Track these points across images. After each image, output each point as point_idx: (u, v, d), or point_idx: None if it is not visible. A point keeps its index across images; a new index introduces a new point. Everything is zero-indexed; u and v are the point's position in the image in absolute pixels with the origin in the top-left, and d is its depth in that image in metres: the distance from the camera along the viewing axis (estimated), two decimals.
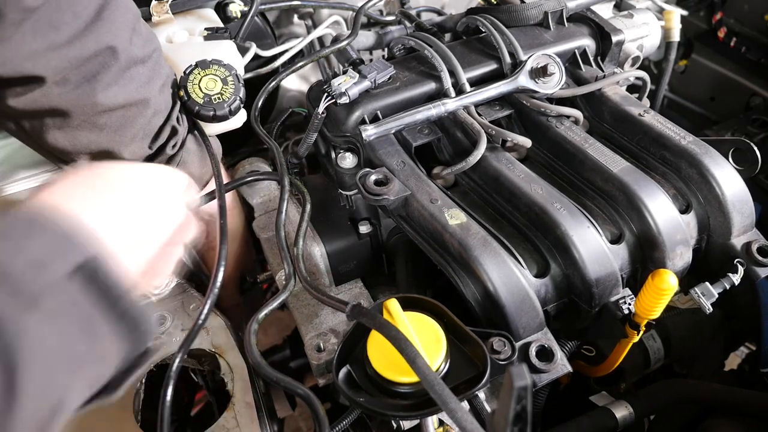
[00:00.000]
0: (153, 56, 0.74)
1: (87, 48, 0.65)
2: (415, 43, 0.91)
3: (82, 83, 0.66)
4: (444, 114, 0.83)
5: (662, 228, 0.75)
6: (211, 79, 0.80)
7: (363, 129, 0.80)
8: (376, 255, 0.90)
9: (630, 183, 0.77)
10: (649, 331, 0.95)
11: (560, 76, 0.87)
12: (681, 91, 1.51)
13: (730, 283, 0.77)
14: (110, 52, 0.67)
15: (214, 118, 0.80)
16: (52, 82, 0.65)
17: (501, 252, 0.70)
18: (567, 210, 0.74)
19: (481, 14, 0.94)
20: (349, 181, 0.82)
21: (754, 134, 1.21)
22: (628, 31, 1.00)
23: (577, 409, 0.85)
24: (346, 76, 0.82)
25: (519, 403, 0.43)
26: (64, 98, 0.66)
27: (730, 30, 1.40)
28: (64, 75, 0.65)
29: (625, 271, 0.77)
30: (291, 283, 0.74)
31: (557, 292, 0.74)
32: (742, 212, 0.79)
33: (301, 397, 0.61)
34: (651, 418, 0.89)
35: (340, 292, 0.88)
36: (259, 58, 1.01)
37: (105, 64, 0.67)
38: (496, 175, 0.80)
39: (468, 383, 0.60)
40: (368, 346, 0.61)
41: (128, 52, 0.69)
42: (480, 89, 0.85)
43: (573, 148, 0.84)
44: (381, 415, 0.60)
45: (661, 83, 1.14)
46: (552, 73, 0.85)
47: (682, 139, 0.82)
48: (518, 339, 0.68)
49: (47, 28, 0.63)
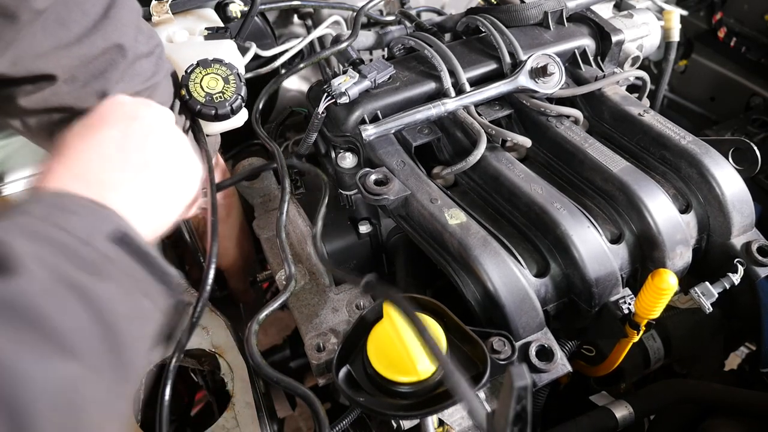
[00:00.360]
0: (155, 51, 0.74)
1: (96, 46, 0.66)
2: (415, 43, 0.91)
3: (91, 81, 0.67)
4: (444, 114, 0.83)
5: (662, 228, 0.75)
6: (212, 78, 0.80)
7: (363, 129, 0.80)
8: (376, 255, 0.90)
9: (630, 183, 0.77)
10: (649, 331, 0.95)
11: (560, 76, 0.87)
12: (681, 91, 1.51)
13: (730, 282, 0.77)
14: (118, 50, 0.67)
15: (215, 117, 0.80)
16: (62, 80, 0.65)
17: (501, 252, 0.70)
18: (567, 210, 0.74)
19: (481, 14, 0.94)
20: (349, 180, 0.82)
21: (754, 134, 1.21)
22: (628, 31, 1.00)
23: (577, 409, 0.85)
24: (346, 76, 0.82)
25: (519, 403, 0.43)
26: (73, 96, 0.66)
27: (730, 30, 1.40)
28: (72, 73, 0.65)
29: (625, 270, 0.77)
30: (291, 284, 0.75)
31: (557, 292, 0.74)
32: (742, 212, 0.79)
33: (301, 397, 0.61)
34: (651, 418, 0.89)
35: (340, 292, 0.88)
36: (259, 58, 1.01)
37: (113, 61, 0.67)
38: (496, 175, 0.80)
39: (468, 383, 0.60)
40: (368, 346, 0.61)
41: (134, 49, 0.69)
42: (480, 89, 0.85)
43: (573, 147, 0.84)
44: (381, 414, 0.60)
45: (661, 83, 1.14)
46: (552, 73, 0.85)
47: (682, 138, 0.82)
48: (518, 339, 0.68)
49: (57, 26, 0.63)
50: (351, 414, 0.66)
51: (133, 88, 0.70)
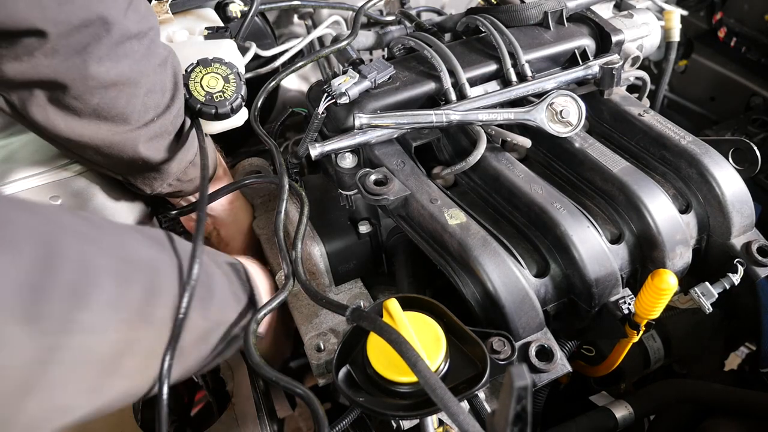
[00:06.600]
0: (149, 34, 0.71)
1: (75, 14, 0.62)
2: (414, 43, 0.91)
3: (73, 55, 0.64)
4: (445, 124, 0.82)
5: (662, 228, 0.75)
6: (212, 77, 0.80)
7: (357, 116, 0.78)
8: (375, 255, 0.90)
9: (630, 183, 0.77)
10: (649, 331, 0.95)
11: (578, 122, 0.83)
12: (681, 91, 1.51)
13: (730, 283, 0.77)
14: (101, 23, 0.64)
15: (215, 116, 0.80)
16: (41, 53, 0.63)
17: (501, 252, 0.70)
18: (567, 210, 0.74)
19: (481, 14, 0.94)
20: (349, 181, 0.82)
21: (754, 134, 1.21)
22: (628, 31, 1.00)
23: (577, 409, 0.85)
24: (346, 76, 0.81)
25: (519, 403, 0.43)
26: (54, 70, 0.64)
27: (730, 30, 1.40)
28: (52, 45, 0.63)
29: (624, 271, 0.77)
30: (290, 283, 0.74)
31: (557, 292, 0.74)
32: (742, 212, 0.79)
33: (301, 397, 0.61)
34: (651, 418, 0.89)
35: (340, 292, 0.88)
36: (259, 58, 1.01)
37: (96, 35, 0.65)
38: (495, 175, 0.80)
39: (468, 383, 0.60)
40: (368, 346, 0.61)
41: (122, 25, 0.66)
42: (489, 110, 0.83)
43: (573, 148, 0.84)
44: (381, 415, 0.60)
45: (661, 83, 1.14)
46: (567, 120, 0.82)
47: (681, 139, 0.82)
48: (518, 339, 0.68)
49: None
50: (351, 414, 0.66)
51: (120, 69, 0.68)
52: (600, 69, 0.89)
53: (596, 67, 0.90)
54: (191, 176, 0.85)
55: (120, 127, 0.72)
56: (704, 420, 0.83)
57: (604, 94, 0.91)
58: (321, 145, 0.79)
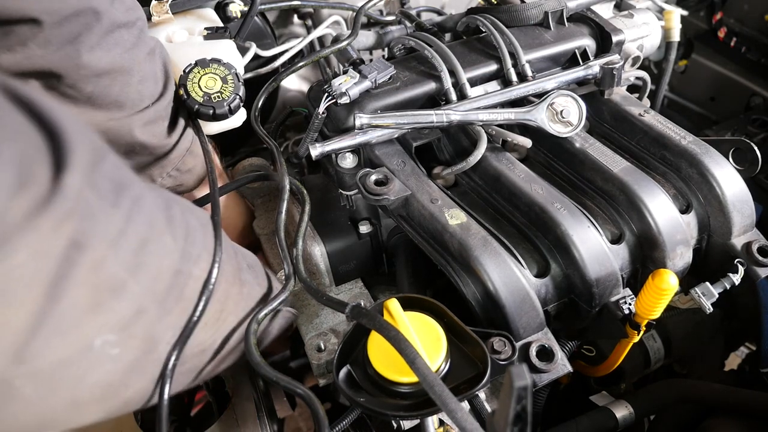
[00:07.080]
0: (137, 24, 0.73)
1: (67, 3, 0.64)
2: (415, 43, 0.90)
3: (65, 44, 0.66)
4: (445, 124, 0.82)
5: (662, 228, 0.75)
6: (210, 78, 0.80)
7: (357, 116, 0.78)
8: (376, 255, 0.90)
9: (630, 183, 0.77)
10: (649, 332, 0.95)
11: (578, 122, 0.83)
12: (681, 91, 1.51)
13: (731, 283, 0.77)
14: (92, 13, 0.66)
15: (213, 117, 0.80)
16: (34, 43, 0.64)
17: (501, 252, 0.70)
18: (567, 210, 0.74)
19: (481, 14, 0.94)
20: (350, 181, 0.82)
21: (754, 134, 1.21)
22: (628, 31, 1.00)
23: (577, 409, 0.85)
24: (347, 76, 0.81)
25: (519, 403, 0.43)
26: (48, 60, 0.65)
27: (730, 30, 1.40)
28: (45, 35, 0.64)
29: (625, 271, 0.77)
30: (290, 283, 0.74)
31: (557, 292, 0.74)
32: (743, 212, 0.79)
33: (301, 397, 0.60)
34: (651, 418, 0.89)
35: (341, 292, 0.88)
36: (259, 58, 1.01)
37: (87, 25, 0.66)
38: (496, 175, 0.80)
39: (468, 383, 0.60)
40: (368, 346, 0.61)
41: (110, 14, 0.68)
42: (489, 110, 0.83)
43: (573, 148, 0.84)
44: (381, 415, 0.59)
45: (661, 83, 1.14)
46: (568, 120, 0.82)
47: (682, 139, 0.82)
48: (518, 339, 0.68)
49: None
50: (351, 414, 0.66)
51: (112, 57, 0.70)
52: (600, 69, 0.89)
53: (597, 67, 0.90)
54: (190, 166, 0.85)
55: (115, 114, 0.73)
56: (704, 420, 0.83)
57: (604, 94, 0.91)
58: (321, 145, 0.79)
